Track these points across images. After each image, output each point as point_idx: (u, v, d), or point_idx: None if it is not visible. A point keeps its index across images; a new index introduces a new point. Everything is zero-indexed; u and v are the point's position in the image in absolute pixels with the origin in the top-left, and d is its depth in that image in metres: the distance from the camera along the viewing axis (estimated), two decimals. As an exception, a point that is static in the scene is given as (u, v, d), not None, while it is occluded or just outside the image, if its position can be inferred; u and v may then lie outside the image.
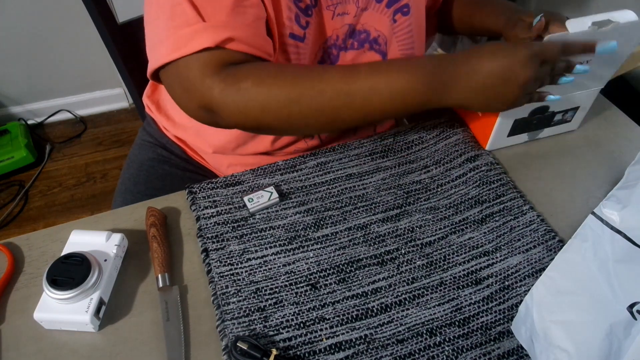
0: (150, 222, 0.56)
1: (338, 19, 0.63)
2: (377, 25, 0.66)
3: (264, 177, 0.62)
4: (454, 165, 0.63)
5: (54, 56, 1.61)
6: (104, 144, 1.74)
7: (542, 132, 0.66)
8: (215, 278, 0.52)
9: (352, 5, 0.63)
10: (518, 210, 0.58)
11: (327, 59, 0.66)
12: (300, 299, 0.51)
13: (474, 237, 0.56)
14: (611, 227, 0.48)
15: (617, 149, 0.67)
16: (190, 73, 0.51)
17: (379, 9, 0.65)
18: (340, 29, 0.64)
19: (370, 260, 0.54)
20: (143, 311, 0.51)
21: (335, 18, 0.62)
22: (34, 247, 0.57)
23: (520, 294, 0.51)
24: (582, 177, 0.63)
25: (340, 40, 0.65)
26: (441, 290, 0.52)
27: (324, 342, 0.48)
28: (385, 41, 0.67)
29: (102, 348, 0.48)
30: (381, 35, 0.67)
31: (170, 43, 0.51)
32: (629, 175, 0.54)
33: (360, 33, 0.66)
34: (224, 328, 0.48)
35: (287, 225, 0.57)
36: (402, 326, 0.49)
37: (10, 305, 0.52)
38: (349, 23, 0.64)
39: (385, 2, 0.64)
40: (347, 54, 0.67)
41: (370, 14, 0.64)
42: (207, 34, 0.50)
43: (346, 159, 0.64)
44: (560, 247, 0.54)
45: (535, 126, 0.64)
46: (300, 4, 0.58)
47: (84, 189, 1.60)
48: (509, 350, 0.48)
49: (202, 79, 0.51)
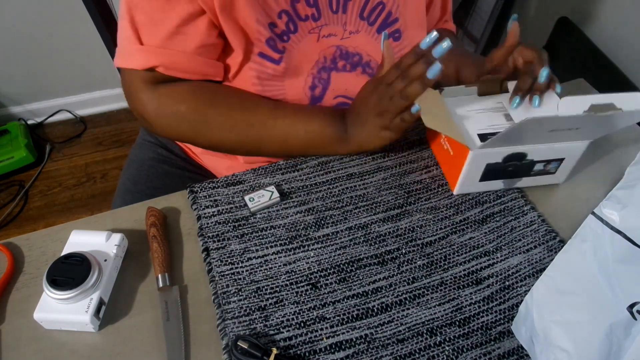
0: (150, 222, 0.56)
1: (324, 41, 0.62)
2: (368, 49, 0.65)
3: (264, 177, 0.62)
4: None
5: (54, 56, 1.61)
6: (104, 144, 1.73)
7: (521, 180, 0.59)
8: (215, 277, 0.52)
9: (339, 27, 0.62)
10: (519, 211, 0.58)
11: (319, 83, 0.65)
12: (301, 299, 0.51)
13: (474, 237, 0.56)
14: (611, 227, 0.49)
15: (617, 149, 0.67)
16: (130, 84, 0.58)
17: (371, 33, 0.64)
18: (327, 50, 0.63)
19: (370, 260, 0.54)
20: (143, 311, 0.51)
21: (321, 40, 0.62)
22: (34, 247, 0.57)
23: (521, 294, 0.51)
24: (582, 177, 0.63)
25: (328, 62, 0.64)
26: (442, 290, 0.52)
27: (324, 341, 0.48)
28: (377, 65, 0.66)
29: (102, 348, 0.48)
30: (373, 59, 0.66)
31: (118, 50, 0.56)
32: (629, 175, 0.54)
33: (352, 55, 0.65)
34: (225, 327, 0.48)
35: (287, 224, 0.57)
36: (402, 326, 0.49)
37: (10, 305, 0.52)
38: (337, 45, 0.63)
39: (376, 27, 0.64)
40: (340, 75, 0.66)
41: (362, 37, 0.64)
42: (140, 57, 0.55)
43: (347, 159, 0.64)
44: (560, 247, 0.54)
45: (511, 174, 0.57)
46: (275, 29, 0.58)
47: (84, 189, 1.60)
48: (509, 350, 0.48)
49: (137, 93, 0.57)
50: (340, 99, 0.68)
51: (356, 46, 0.65)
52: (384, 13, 0.63)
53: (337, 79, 0.66)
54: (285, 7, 0.58)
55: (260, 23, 0.57)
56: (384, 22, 0.64)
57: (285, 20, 0.58)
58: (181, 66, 0.57)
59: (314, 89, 0.65)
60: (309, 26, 0.60)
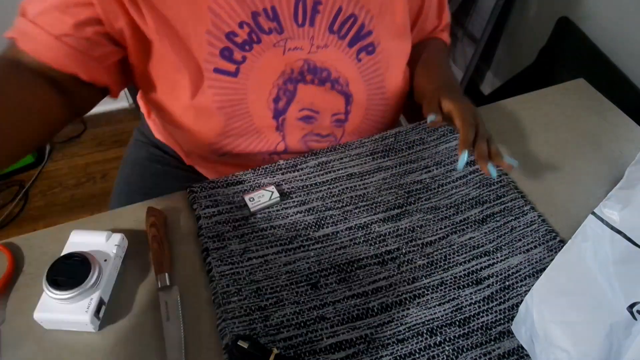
0: (151, 222, 0.56)
1: (291, 54, 0.60)
2: (338, 65, 0.63)
3: (264, 177, 0.62)
4: (454, 167, 0.63)
5: (54, 56, 1.61)
6: (104, 144, 1.73)
7: None
8: (215, 277, 0.52)
9: (306, 41, 0.60)
10: (519, 211, 0.58)
11: (283, 95, 0.63)
12: (301, 299, 0.51)
13: (474, 237, 0.56)
14: (611, 227, 0.48)
15: (617, 149, 0.67)
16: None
17: (341, 47, 0.62)
18: (294, 63, 0.61)
19: (370, 260, 0.54)
20: (143, 311, 0.51)
21: (287, 53, 0.60)
22: (34, 247, 0.57)
23: (521, 294, 0.51)
24: (582, 177, 0.63)
25: (295, 74, 0.62)
26: (442, 290, 0.52)
27: (324, 341, 0.48)
28: (346, 82, 0.64)
29: (102, 348, 0.48)
30: (342, 76, 0.63)
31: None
32: (629, 175, 0.54)
33: (321, 70, 0.62)
34: (225, 327, 0.48)
35: (287, 224, 0.57)
36: (402, 326, 0.49)
37: (10, 305, 0.52)
38: (304, 58, 0.61)
39: (348, 41, 0.61)
40: (308, 87, 0.63)
41: (332, 52, 0.61)
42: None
43: (347, 159, 0.64)
44: (560, 247, 0.54)
45: None
46: (235, 38, 0.56)
47: (84, 189, 1.60)
48: (509, 350, 0.48)
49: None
50: (305, 112, 0.65)
51: (324, 61, 0.62)
52: (355, 26, 0.60)
53: (304, 92, 0.63)
54: (245, 18, 0.55)
55: (212, 34, 0.55)
56: (356, 36, 0.61)
57: (247, 30, 0.56)
58: (35, 44, 0.51)
59: (277, 101, 0.63)
60: (272, 39, 0.58)
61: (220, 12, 0.55)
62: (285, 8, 0.56)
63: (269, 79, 0.61)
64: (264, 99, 0.62)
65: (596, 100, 0.74)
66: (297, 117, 0.65)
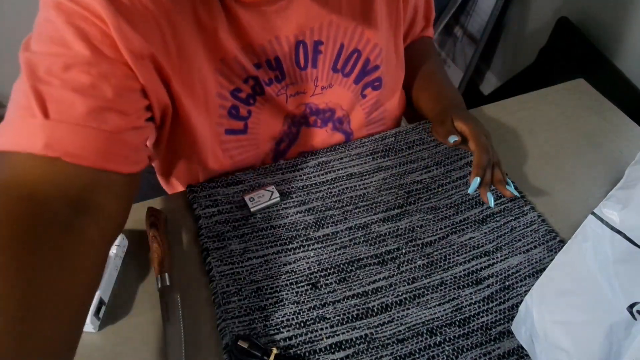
0: (150, 222, 0.56)
1: (292, 100, 0.59)
2: (343, 103, 0.62)
3: (265, 177, 0.62)
4: (454, 167, 0.63)
5: (54, 56, 1.61)
6: (103, 144, 1.73)
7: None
8: (215, 277, 0.52)
9: (309, 84, 0.58)
10: (519, 211, 0.58)
11: (286, 137, 0.62)
12: (301, 298, 0.51)
13: (474, 237, 0.56)
14: (611, 227, 0.48)
15: (617, 149, 0.67)
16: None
17: (346, 85, 0.60)
18: (296, 109, 0.60)
19: (370, 260, 0.54)
20: (143, 311, 0.51)
21: (289, 100, 0.58)
22: (34, 246, 0.57)
23: (521, 294, 0.51)
24: (582, 177, 0.63)
25: (298, 117, 0.61)
26: (442, 290, 0.52)
27: (324, 341, 0.48)
28: (348, 120, 0.64)
29: (102, 348, 0.48)
30: (346, 114, 0.63)
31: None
32: (629, 175, 0.54)
33: (324, 111, 0.62)
34: (225, 327, 0.48)
35: (287, 224, 0.57)
36: (402, 326, 0.49)
37: (11, 305, 0.52)
38: (306, 103, 0.60)
39: (354, 78, 0.60)
40: (309, 130, 0.63)
41: (337, 90, 0.60)
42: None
43: (347, 159, 0.64)
44: (561, 247, 0.54)
45: None
46: (240, 94, 0.54)
47: (83, 188, 1.59)
48: (509, 350, 0.48)
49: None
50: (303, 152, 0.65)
51: (328, 101, 0.61)
52: (360, 62, 0.59)
53: (306, 135, 0.63)
54: (253, 72, 0.54)
55: (221, 96, 0.53)
56: (362, 72, 0.60)
57: (251, 84, 0.55)
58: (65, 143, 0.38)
59: (280, 143, 0.62)
60: (274, 89, 0.57)
61: (228, 72, 0.52)
62: (287, 54, 0.55)
63: (276, 128, 0.60)
64: (268, 146, 0.62)
65: (596, 100, 0.74)
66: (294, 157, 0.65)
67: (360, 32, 0.57)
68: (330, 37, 0.56)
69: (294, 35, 0.54)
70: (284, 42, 0.54)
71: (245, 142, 0.59)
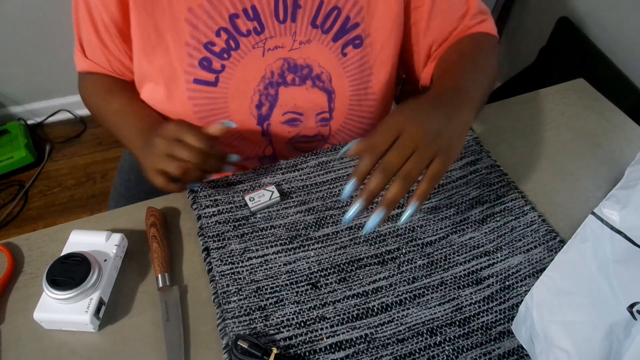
0: (150, 222, 0.56)
1: (270, 54, 0.59)
2: (321, 60, 0.61)
3: (265, 176, 0.62)
4: (454, 167, 0.63)
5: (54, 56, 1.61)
6: (104, 144, 1.73)
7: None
8: (216, 277, 0.52)
9: (287, 38, 0.58)
10: (519, 211, 0.58)
11: (266, 100, 0.62)
12: (301, 298, 0.51)
13: (474, 237, 0.56)
14: (611, 227, 0.48)
15: (617, 149, 0.67)
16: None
17: (325, 42, 0.60)
18: (274, 64, 0.60)
19: (371, 260, 0.54)
20: (143, 311, 0.51)
21: (266, 54, 0.59)
22: (34, 247, 0.57)
23: (521, 294, 0.51)
24: (582, 177, 0.63)
25: (276, 76, 0.61)
26: (442, 290, 0.52)
27: (324, 341, 0.48)
28: (329, 78, 0.62)
29: (102, 348, 0.48)
30: (324, 72, 0.62)
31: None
32: (629, 175, 0.54)
33: (302, 68, 0.61)
34: (225, 327, 0.48)
35: (288, 224, 0.57)
36: (402, 326, 0.49)
37: (10, 305, 0.52)
38: (284, 57, 0.60)
39: (332, 35, 0.59)
40: (289, 89, 0.62)
41: (315, 46, 0.60)
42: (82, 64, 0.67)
43: (347, 159, 0.64)
44: (561, 247, 0.54)
45: None
46: (213, 48, 0.56)
47: (84, 189, 1.60)
48: (509, 350, 0.48)
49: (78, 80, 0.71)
50: (289, 115, 0.65)
51: (306, 57, 0.60)
52: (340, 19, 0.58)
53: (286, 94, 0.62)
54: (223, 24, 0.55)
55: (191, 45, 0.56)
56: (341, 29, 0.59)
57: (224, 37, 0.56)
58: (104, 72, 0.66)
59: (260, 107, 0.62)
60: (252, 41, 0.57)
61: (197, 22, 0.55)
62: (266, 5, 0.56)
63: (250, 85, 0.61)
64: (246, 106, 0.62)
65: (596, 100, 0.74)
66: (281, 121, 0.65)
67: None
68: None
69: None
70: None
71: (214, 95, 0.60)
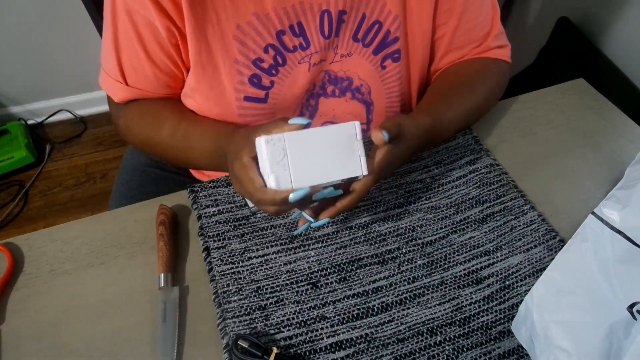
0: (160, 219, 0.56)
1: (315, 69, 0.60)
2: (360, 73, 0.62)
3: (264, 177, 0.62)
4: (454, 167, 0.63)
5: (54, 56, 1.61)
6: (104, 144, 1.73)
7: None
8: (216, 277, 0.52)
9: (330, 51, 0.59)
10: (519, 210, 0.58)
11: (306, 110, 0.64)
12: (301, 298, 0.51)
13: (474, 236, 0.56)
14: (611, 227, 0.48)
15: (617, 149, 0.67)
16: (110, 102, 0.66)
17: (365, 55, 0.61)
18: (317, 77, 0.61)
19: (371, 260, 0.54)
20: (143, 311, 0.51)
21: (312, 69, 0.59)
22: (34, 247, 0.57)
23: (521, 294, 0.51)
24: (582, 177, 0.63)
25: (317, 88, 0.62)
26: (442, 289, 0.52)
27: (324, 340, 0.48)
28: (368, 90, 0.63)
29: (102, 348, 0.48)
30: (364, 84, 0.63)
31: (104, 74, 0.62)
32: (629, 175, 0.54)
33: (342, 80, 0.62)
34: (225, 326, 0.49)
35: (288, 224, 0.57)
36: (402, 325, 0.49)
37: (10, 305, 0.52)
38: (325, 70, 0.61)
39: (373, 48, 0.60)
40: (328, 100, 0.63)
41: (355, 59, 0.61)
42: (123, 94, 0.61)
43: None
44: (560, 247, 0.54)
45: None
46: (262, 64, 0.57)
47: (84, 189, 1.60)
48: (509, 350, 0.48)
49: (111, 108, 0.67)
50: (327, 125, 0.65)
51: (347, 70, 0.61)
52: (381, 33, 0.59)
53: (325, 105, 0.64)
54: (271, 40, 0.56)
55: (240, 62, 0.56)
56: (381, 43, 0.60)
57: (272, 54, 0.57)
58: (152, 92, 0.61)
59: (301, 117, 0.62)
60: (297, 56, 0.58)
61: (245, 39, 0.55)
62: (312, 22, 0.56)
63: (296, 99, 0.61)
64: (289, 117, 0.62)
65: (596, 100, 0.74)
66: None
67: (382, 4, 0.58)
68: (353, 7, 0.57)
69: (317, 4, 0.55)
70: (308, 10, 0.55)
71: (263, 112, 0.61)
